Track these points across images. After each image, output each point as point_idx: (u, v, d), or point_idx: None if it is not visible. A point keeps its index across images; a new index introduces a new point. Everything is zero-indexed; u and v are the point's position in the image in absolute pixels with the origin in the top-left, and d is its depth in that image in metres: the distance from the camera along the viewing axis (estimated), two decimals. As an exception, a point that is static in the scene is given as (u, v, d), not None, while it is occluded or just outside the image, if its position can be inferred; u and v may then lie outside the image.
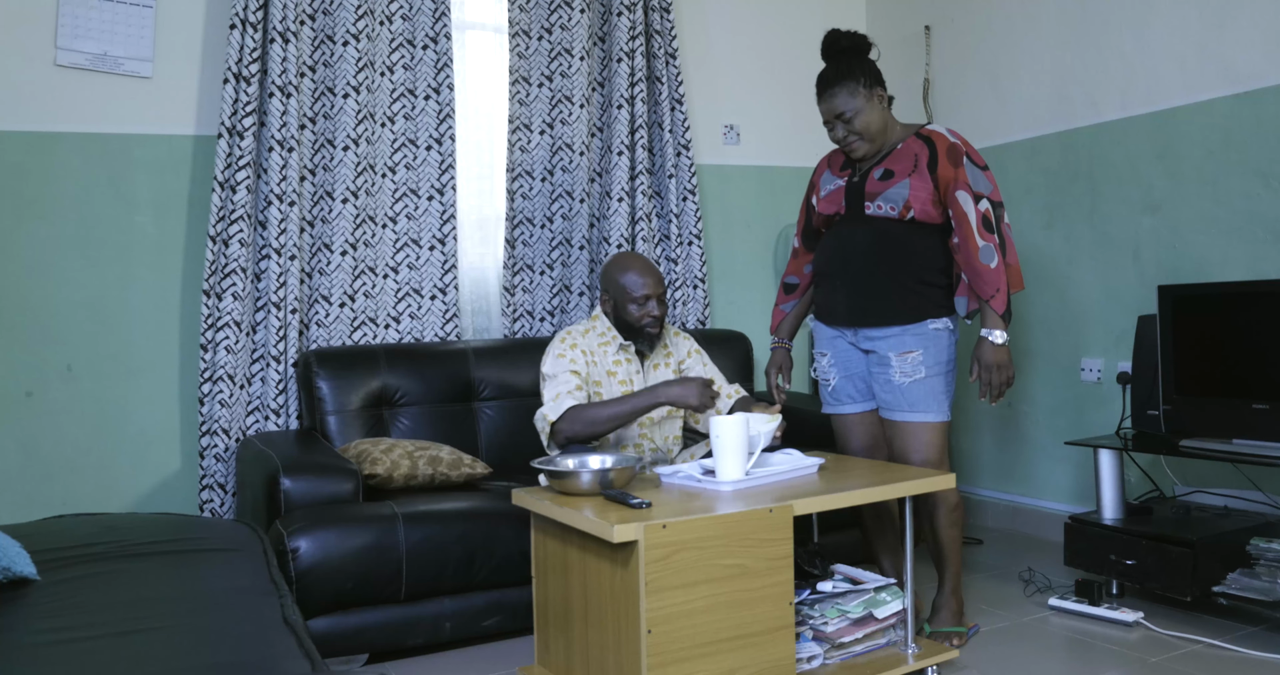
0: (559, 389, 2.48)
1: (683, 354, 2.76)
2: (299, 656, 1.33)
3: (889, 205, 2.44)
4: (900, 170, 2.44)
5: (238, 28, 3.01)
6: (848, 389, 2.60)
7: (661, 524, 1.85)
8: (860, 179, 2.50)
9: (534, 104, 3.51)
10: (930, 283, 2.46)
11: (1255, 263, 2.90)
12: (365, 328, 3.24)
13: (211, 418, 2.99)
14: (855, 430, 2.63)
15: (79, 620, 1.42)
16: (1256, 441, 2.59)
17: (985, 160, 2.48)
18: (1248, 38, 2.91)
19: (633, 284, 2.57)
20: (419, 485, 2.71)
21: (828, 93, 2.47)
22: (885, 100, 2.49)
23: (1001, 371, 2.40)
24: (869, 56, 2.52)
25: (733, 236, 3.98)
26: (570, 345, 2.59)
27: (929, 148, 2.44)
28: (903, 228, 2.45)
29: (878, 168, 2.48)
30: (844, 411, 2.63)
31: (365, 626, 2.40)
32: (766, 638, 1.97)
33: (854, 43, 2.51)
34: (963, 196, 2.40)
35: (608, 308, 2.65)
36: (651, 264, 2.63)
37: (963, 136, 2.49)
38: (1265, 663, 2.32)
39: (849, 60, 2.48)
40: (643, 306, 2.58)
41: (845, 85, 2.44)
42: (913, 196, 2.41)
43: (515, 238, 3.49)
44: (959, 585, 2.55)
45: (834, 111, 2.46)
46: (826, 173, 2.63)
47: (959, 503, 2.52)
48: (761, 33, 4.04)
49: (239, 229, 3.02)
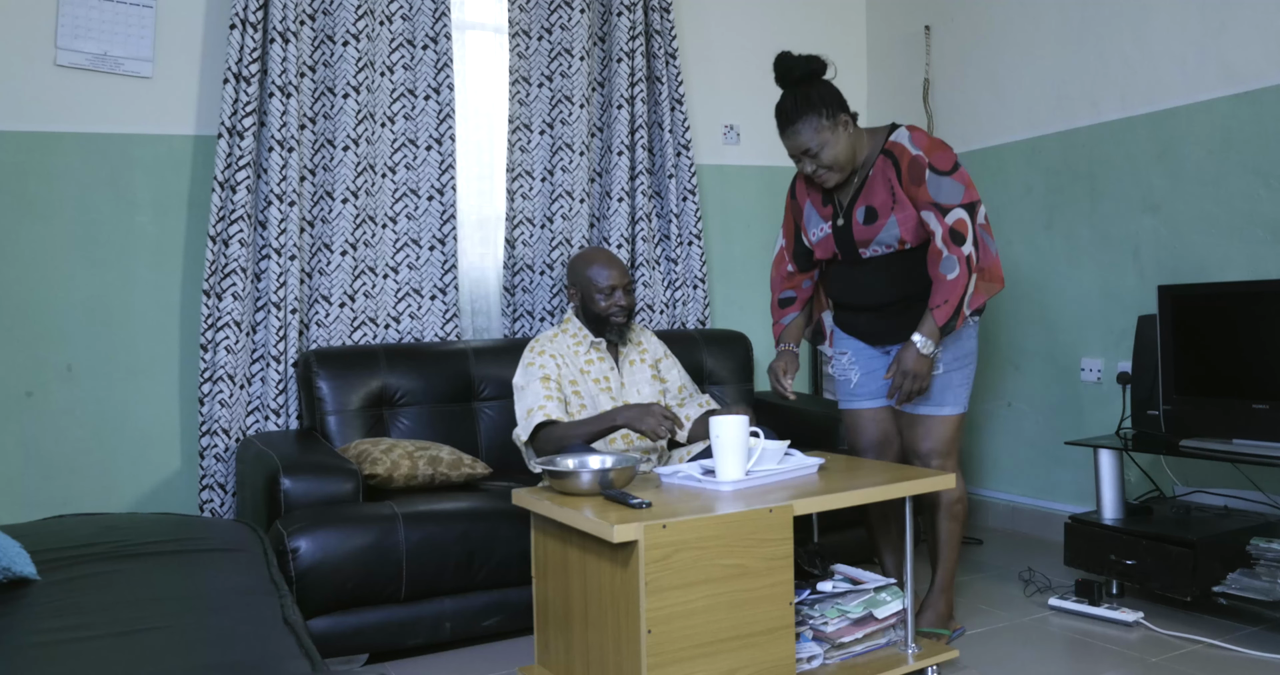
0: (529, 404, 2.58)
1: (659, 353, 2.87)
2: (299, 656, 1.33)
3: (883, 247, 2.42)
4: (881, 207, 2.39)
5: (238, 28, 3.01)
6: (868, 385, 2.60)
7: (661, 524, 1.85)
8: (845, 222, 2.45)
9: (534, 104, 3.51)
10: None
11: (1255, 263, 2.90)
12: (365, 328, 3.24)
13: (211, 418, 2.99)
14: (869, 426, 2.62)
15: (79, 620, 1.42)
16: (1256, 441, 2.59)
17: (955, 158, 2.36)
18: (1248, 38, 2.91)
19: (598, 275, 2.70)
20: (419, 485, 2.71)
21: (790, 129, 2.37)
22: (850, 124, 2.39)
23: (916, 380, 2.33)
24: (825, 78, 2.40)
25: (733, 236, 3.98)
26: (538, 352, 2.70)
27: (895, 167, 2.37)
28: (903, 257, 2.44)
29: (858, 205, 2.42)
30: (861, 407, 2.62)
31: (365, 626, 2.40)
32: (766, 638, 1.97)
33: (808, 70, 2.38)
34: (927, 216, 2.34)
35: (576, 302, 2.76)
36: (615, 256, 2.76)
37: (927, 137, 2.38)
38: (1265, 663, 2.32)
39: (805, 90, 2.36)
40: (609, 297, 2.69)
41: (807, 120, 2.34)
42: (903, 231, 2.38)
43: (515, 238, 3.49)
44: (950, 585, 2.55)
45: (799, 148, 2.37)
46: (809, 207, 2.55)
47: (962, 496, 2.52)
48: (761, 33, 4.04)
49: (239, 229, 3.02)
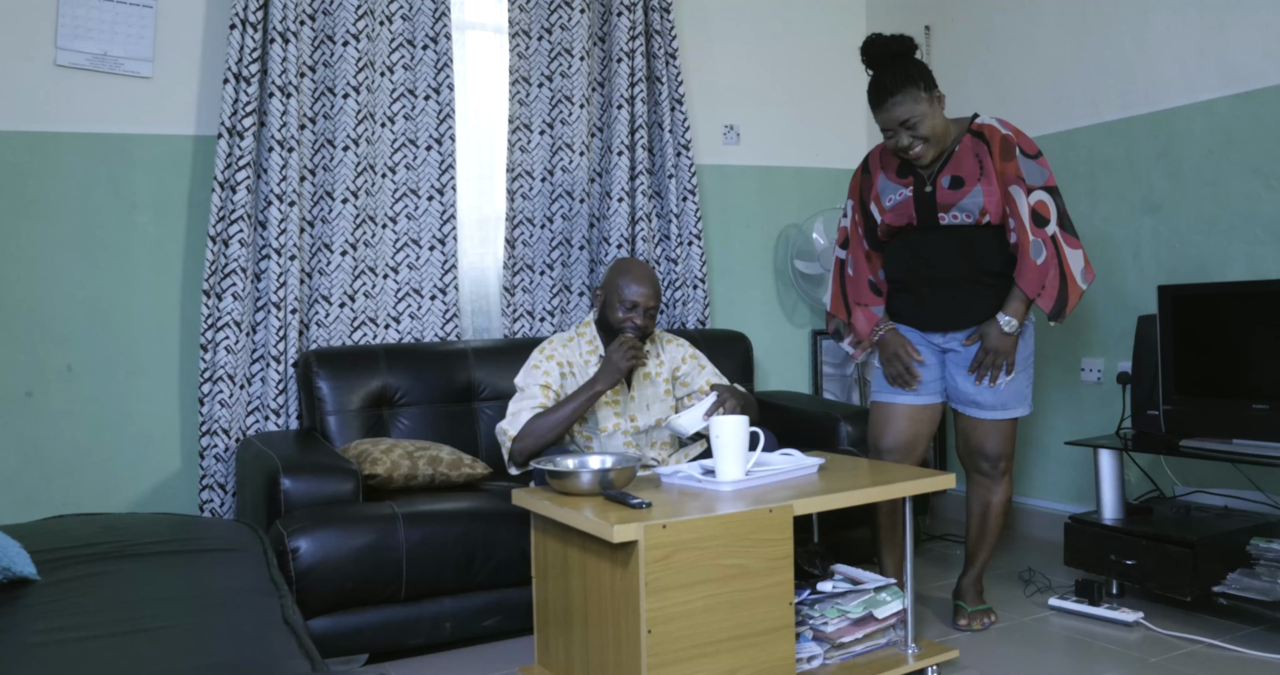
0: (522, 405, 2.56)
1: (676, 361, 2.77)
2: (299, 656, 1.33)
3: (964, 214, 2.43)
4: (968, 176, 2.42)
5: (238, 28, 3.00)
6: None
7: (661, 524, 1.85)
8: (930, 188, 2.46)
9: (534, 104, 3.51)
10: (1011, 278, 2.46)
11: (1255, 263, 2.90)
12: (365, 328, 3.24)
13: (211, 418, 2.99)
14: (899, 421, 2.60)
15: (79, 620, 1.42)
16: (1256, 441, 2.59)
17: (1038, 148, 2.48)
18: (1248, 38, 2.91)
19: (627, 289, 2.60)
20: (419, 485, 2.71)
21: (889, 101, 2.37)
22: (943, 101, 2.44)
23: (1000, 356, 2.43)
24: (916, 57, 2.46)
25: (733, 236, 3.98)
26: (547, 356, 2.65)
27: (985, 144, 2.43)
28: (978, 232, 2.45)
29: (944, 174, 2.44)
30: (897, 401, 2.59)
31: (365, 626, 2.40)
32: (766, 638, 1.97)
33: (903, 47, 2.43)
34: (1015, 191, 2.40)
35: (598, 304, 2.69)
36: (653, 276, 2.64)
37: (1013, 125, 2.49)
38: (1265, 663, 2.32)
39: (903, 64, 2.40)
40: (628, 311, 2.60)
41: (907, 92, 2.36)
42: (988, 202, 2.40)
43: (515, 238, 3.49)
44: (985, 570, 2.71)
45: (897, 120, 2.37)
46: (883, 178, 2.55)
47: (1012, 495, 2.66)
48: (761, 33, 4.04)
49: (239, 229, 3.02)
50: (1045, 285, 2.39)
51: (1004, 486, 2.59)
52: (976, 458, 2.58)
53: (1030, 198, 2.41)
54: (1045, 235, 2.40)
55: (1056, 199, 2.45)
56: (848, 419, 3.11)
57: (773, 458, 2.33)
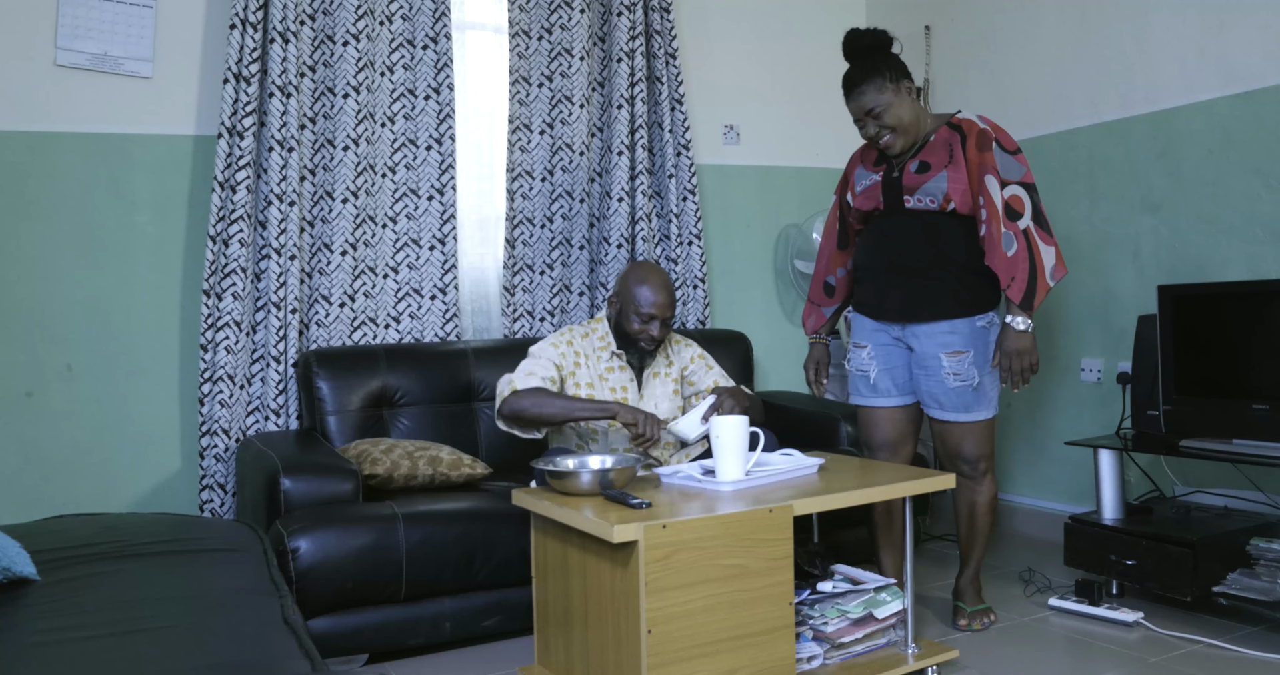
0: (534, 368, 2.52)
1: (685, 361, 2.76)
2: (299, 656, 1.33)
3: (928, 198, 2.45)
4: (936, 162, 2.45)
5: (238, 28, 3.01)
6: (885, 382, 2.60)
7: (661, 524, 1.85)
8: (898, 173, 2.50)
9: (534, 104, 3.51)
10: (977, 272, 2.47)
11: (1255, 263, 2.90)
12: (365, 328, 3.24)
13: (211, 418, 2.99)
14: (884, 424, 2.63)
15: (79, 620, 1.42)
16: (1256, 441, 2.59)
17: (1017, 144, 2.49)
18: (1248, 38, 2.91)
19: (643, 299, 2.57)
20: (419, 485, 2.71)
21: (855, 91, 2.47)
22: (913, 92, 2.49)
23: (1023, 357, 2.42)
24: (891, 51, 2.51)
25: (733, 236, 3.98)
26: (567, 341, 2.63)
27: (960, 136, 2.45)
28: (944, 220, 2.46)
29: (913, 161, 2.48)
30: (877, 404, 2.62)
31: (365, 626, 2.40)
32: (766, 638, 1.97)
33: (876, 40, 2.50)
34: (990, 182, 2.41)
35: (613, 310, 2.66)
36: (669, 284, 2.61)
37: (994, 122, 2.50)
38: (1265, 663, 2.32)
39: (873, 57, 2.47)
40: (644, 323, 2.58)
41: (871, 81, 2.44)
42: (951, 188, 2.43)
43: (515, 238, 3.49)
44: (980, 569, 2.70)
45: (863, 109, 2.46)
46: (859, 168, 2.62)
47: (996, 492, 2.65)
48: (761, 32, 4.04)
49: (239, 229, 3.02)
50: (1015, 276, 2.39)
51: (987, 485, 2.59)
52: (955, 460, 2.59)
53: (1005, 191, 2.42)
54: (1018, 229, 2.40)
55: (1033, 195, 2.45)
56: (848, 419, 3.11)
57: (773, 458, 2.33)
